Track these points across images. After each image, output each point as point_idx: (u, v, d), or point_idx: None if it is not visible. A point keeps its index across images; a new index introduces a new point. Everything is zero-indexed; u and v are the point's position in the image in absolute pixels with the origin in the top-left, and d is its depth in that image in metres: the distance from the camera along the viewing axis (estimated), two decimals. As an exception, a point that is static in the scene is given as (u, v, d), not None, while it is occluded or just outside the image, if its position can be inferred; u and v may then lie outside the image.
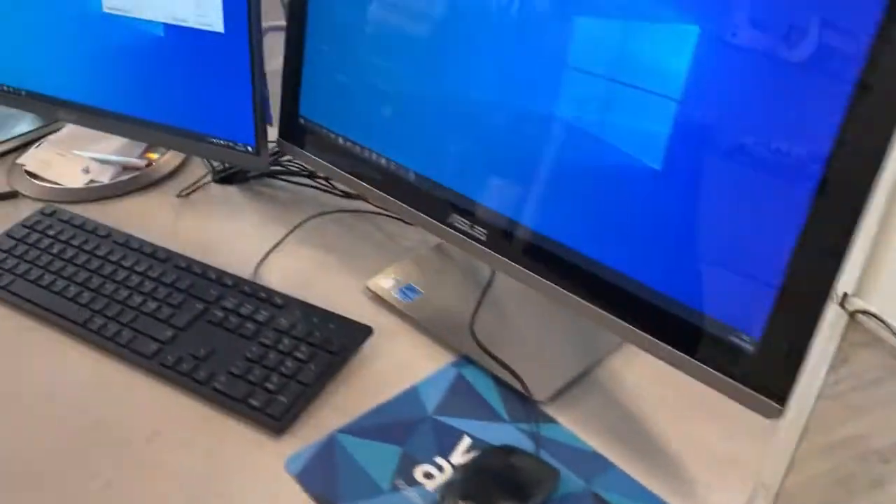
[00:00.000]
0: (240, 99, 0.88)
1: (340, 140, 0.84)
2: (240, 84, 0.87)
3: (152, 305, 0.79)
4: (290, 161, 1.05)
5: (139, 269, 0.84)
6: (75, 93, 1.01)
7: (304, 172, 1.03)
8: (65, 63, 0.99)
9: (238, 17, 0.83)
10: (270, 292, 0.81)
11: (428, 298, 0.83)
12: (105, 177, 1.05)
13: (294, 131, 0.90)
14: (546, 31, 0.63)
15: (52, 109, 1.04)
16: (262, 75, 0.86)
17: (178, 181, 1.06)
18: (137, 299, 0.80)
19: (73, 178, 1.04)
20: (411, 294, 0.83)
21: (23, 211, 0.97)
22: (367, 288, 0.85)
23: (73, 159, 1.07)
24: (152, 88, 0.94)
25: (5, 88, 1.06)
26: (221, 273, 0.83)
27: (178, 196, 1.02)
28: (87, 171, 1.06)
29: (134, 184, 1.04)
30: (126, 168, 1.07)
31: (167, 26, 0.88)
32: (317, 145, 0.88)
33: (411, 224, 0.93)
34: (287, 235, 0.94)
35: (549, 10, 0.62)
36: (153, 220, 0.97)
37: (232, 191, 1.04)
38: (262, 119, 0.88)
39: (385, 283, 0.85)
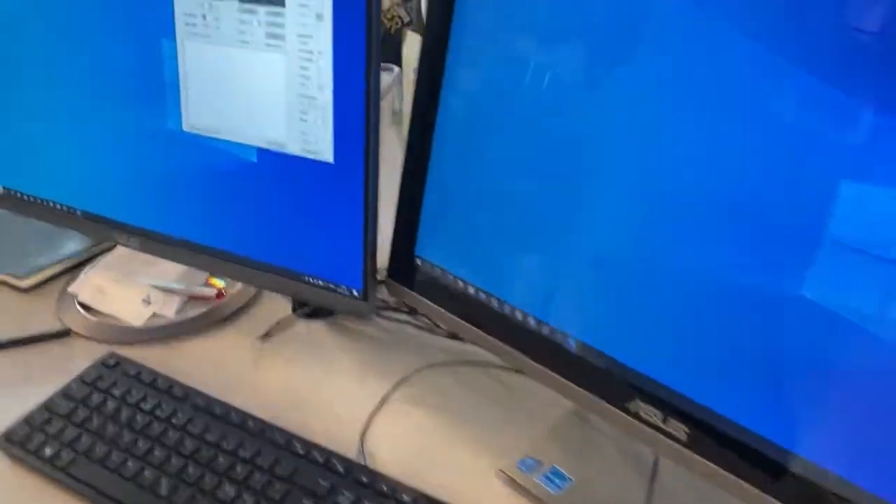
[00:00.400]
0: (348, 237, 0.74)
1: (471, 289, 0.70)
2: (349, 221, 0.73)
3: (249, 501, 0.64)
4: (382, 293, 0.91)
5: (228, 446, 0.69)
6: (140, 216, 0.87)
7: (404, 309, 0.89)
8: (131, 184, 0.86)
9: (352, 146, 0.70)
10: (392, 485, 0.65)
11: (581, 488, 0.68)
12: (170, 310, 0.91)
13: (407, 271, 0.76)
14: (797, 194, 0.49)
15: (109, 232, 0.91)
16: (376, 212, 0.73)
17: (252, 315, 0.92)
18: (230, 491, 0.65)
19: (134, 312, 0.91)
20: (559, 482, 0.68)
21: (77, 353, 0.84)
22: (502, 471, 0.70)
23: (130, 286, 0.94)
24: (238, 218, 0.80)
25: (59, 207, 0.93)
26: (329, 454, 0.68)
27: (260, 338, 0.87)
28: (148, 301, 0.92)
29: (204, 320, 0.90)
30: (192, 297, 0.93)
31: (262, 151, 0.75)
32: (436, 291, 0.74)
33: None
34: (392, 392, 0.80)
35: (805, 177, 0.49)
36: (231, 369, 0.83)
37: (317, 328, 0.90)
38: (374, 261, 0.75)
39: (523, 465, 0.70)
